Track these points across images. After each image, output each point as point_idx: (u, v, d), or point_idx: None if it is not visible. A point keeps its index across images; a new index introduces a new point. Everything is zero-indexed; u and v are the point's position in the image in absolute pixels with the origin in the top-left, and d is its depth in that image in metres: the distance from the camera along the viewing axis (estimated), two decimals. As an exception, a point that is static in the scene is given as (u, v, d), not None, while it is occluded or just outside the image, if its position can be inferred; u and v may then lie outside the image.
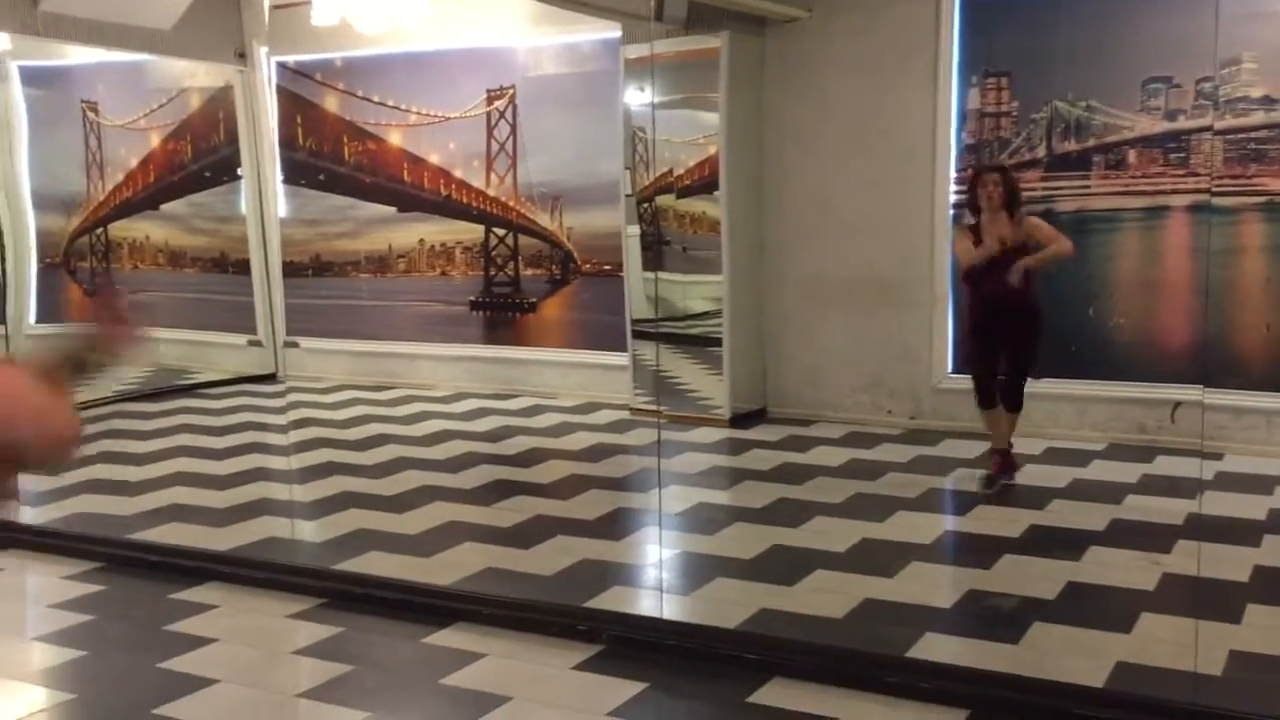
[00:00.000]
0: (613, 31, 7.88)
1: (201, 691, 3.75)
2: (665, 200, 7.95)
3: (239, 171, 9.71)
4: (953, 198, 7.32)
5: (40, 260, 10.29)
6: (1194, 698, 3.43)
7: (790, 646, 3.87)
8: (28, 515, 5.62)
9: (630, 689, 3.69)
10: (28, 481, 6.37)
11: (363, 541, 5.25)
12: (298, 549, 5.28)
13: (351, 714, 3.57)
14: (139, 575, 4.88)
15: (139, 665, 3.99)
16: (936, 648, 3.95)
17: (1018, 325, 5.73)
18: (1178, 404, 6.67)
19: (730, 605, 4.36)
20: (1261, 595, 4.37)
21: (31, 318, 10.24)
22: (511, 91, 8.69)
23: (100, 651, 4.14)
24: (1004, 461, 5.86)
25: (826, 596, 4.45)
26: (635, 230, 8.01)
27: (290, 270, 9.72)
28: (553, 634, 4.11)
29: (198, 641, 4.15)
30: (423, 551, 5.10)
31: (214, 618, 4.40)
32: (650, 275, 7.99)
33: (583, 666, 3.88)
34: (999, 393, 5.83)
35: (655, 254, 7.99)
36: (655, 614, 4.33)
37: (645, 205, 8.03)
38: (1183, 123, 6.70)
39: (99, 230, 10.22)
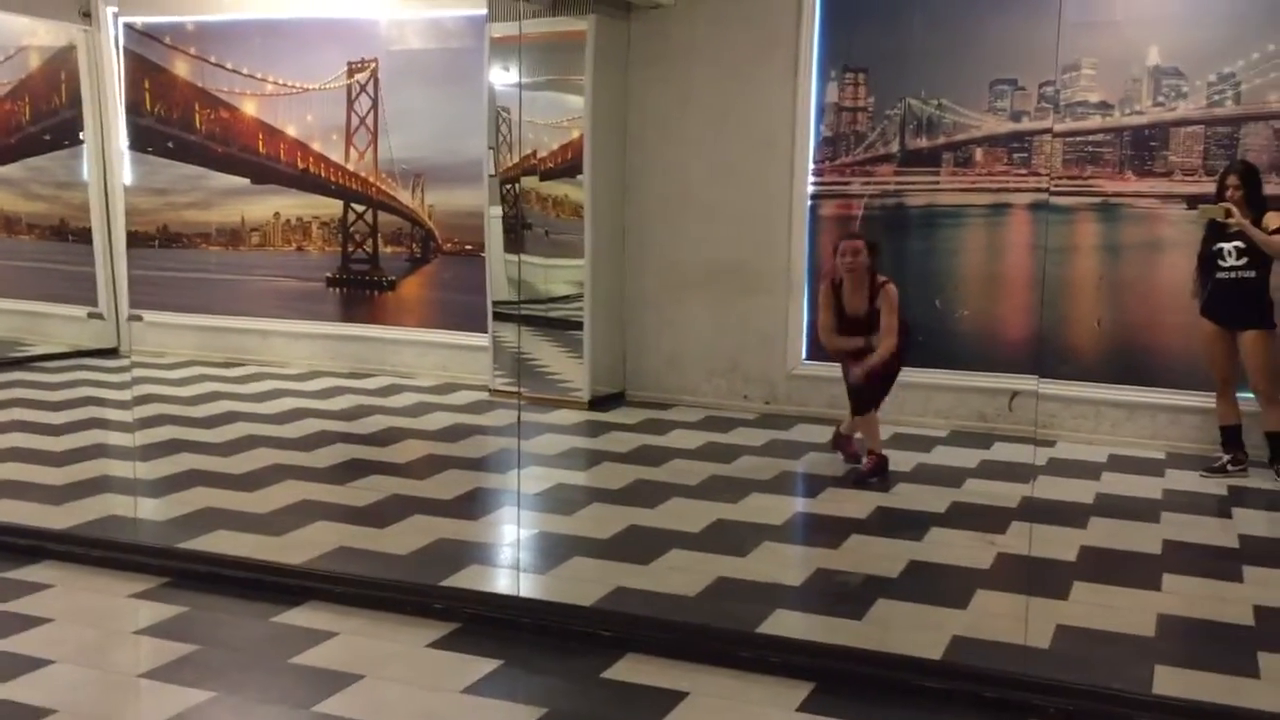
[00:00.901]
0: (479, 9, 7.81)
1: (36, 672, 3.60)
2: (529, 182, 7.93)
3: (81, 136, 9.29)
4: (810, 189, 7.51)
5: None
6: (1024, 668, 3.61)
7: (644, 623, 3.92)
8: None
9: (485, 666, 3.69)
10: None
11: (210, 520, 5.11)
12: (140, 527, 5.10)
13: (196, 694, 3.48)
14: (-33, 554, 4.65)
15: (-33, 646, 3.80)
16: (785, 624, 4.06)
17: (884, 368, 5.94)
18: (1015, 393, 6.99)
19: (586, 584, 4.39)
20: (1087, 573, 4.62)
21: None
22: (374, 65, 8.53)
23: (-76, 632, 3.94)
24: (880, 460, 5.97)
25: (681, 575, 4.53)
26: (498, 211, 7.97)
27: (135, 240, 9.36)
28: (408, 613, 4.08)
29: (32, 621, 3.98)
30: (273, 530, 4.99)
31: (49, 597, 4.23)
32: (512, 257, 7.96)
33: (437, 645, 3.86)
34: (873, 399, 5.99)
35: (517, 236, 7.96)
36: (512, 592, 4.34)
37: (509, 186, 7.99)
38: (1026, 124, 7.01)
39: (-74, 192, 9.66)
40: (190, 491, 5.58)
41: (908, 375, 6.96)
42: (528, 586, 4.42)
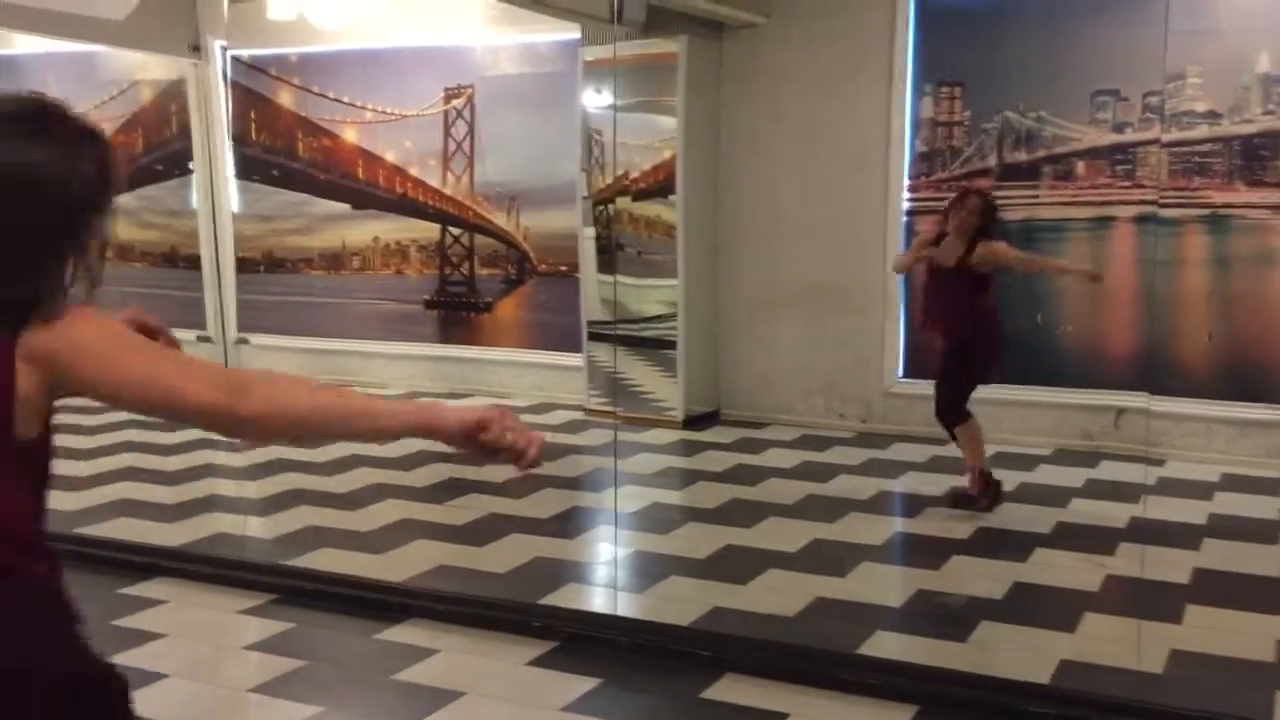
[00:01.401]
0: (572, 33, 7.90)
1: (150, 686, 3.70)
2: (621, 203, 7.98)
3: (190, 166, 9.60)
4: (905, 205, 7.43)
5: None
6: (1136, 694, 3.51)
7: (742, 643, 3.91)
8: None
9: (584, 684, 3.71)
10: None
11: (314, 538, 5.22)
12: (248, 545, 5.24)
13: (303, 709, 3.56)
14: (86, 570, 4.80)
15: (86, 659, 3.93)
16: (886, 645, 4.01)
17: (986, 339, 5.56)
18: (1121, 410, 6.81)
19: (683, 603, 4.39)
20: (1201, 596, 4.48)
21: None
22: (469, 91, 8.67)
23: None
24: (986, 480, 5.57)
25: (779, 595, 4.50)
26: (591, 233, 8.03)
27: (243, 266, 9.63)
28: (507, 630, 4.12)
29: (146, 636, 4.11)
30: (375, 548, 5.08)
31: (163, 613, 4.36)
32: (606, 278, 8.01)
33: (536, 663, 3.89)
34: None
35: (610, 257, 8.01)
36: (609, 611, 4.35)
37: (601, 208, 8.05)
38: (1130, 135, 6.84)
39: (46, 223, 10.06)
40: (295, 510, 5.71)
41: (1009, 392, 6.85)
42: (625, 605, 4.43)
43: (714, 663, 3.81)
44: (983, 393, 6.24)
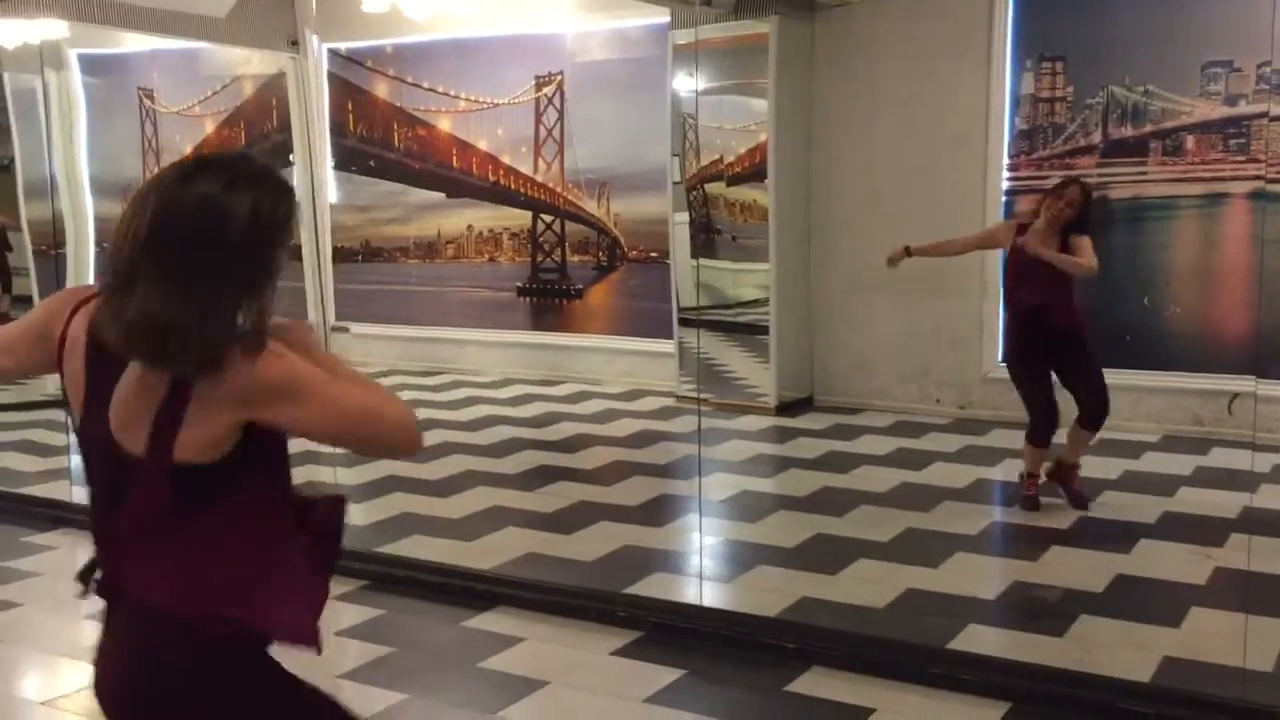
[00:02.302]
0: (661, 17, 7.84)
1: (244, 670, 3.79)
2: (714, 188, 7.90)
3: (290, 158, 9.79)
4: (1005, 184, 7.22)
5: (97, 245, 10.45)
6: (1243, 693, 3.35)
7: (830, 636, 3.83)
8: (79, 494, 5.71)
9: (668, 675, 3.68)
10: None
11: (407, 525, 5.28)
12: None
13: (389, 695, 3.60)
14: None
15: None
16: (979, 640, 3.89)
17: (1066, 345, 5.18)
18: (1235, 395, 6.53)
19: (771, 593, 4.33)
20: (1317, 591, 4.26)
21: (90, 301, 10.42)
22: (560, 78, 8.68)
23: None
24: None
25: (869, 586, 4.41)
26: (684, 218, 7.97)
27: (340, 256, 9.81)
28: (592, 620, 4.11)
29: (242, 621, 4.20)
30: (465, 536, 5.12)
31: (258, 598, 4.45)
32: (696, 263, 7.94)
33: (621, 653, 3.87)
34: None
35: (703, 241, 7.95)
36: (695, 601, 4.31)
37: (694, 192, 7.99)
38: (1243, 108, 6.54)
39: (154, 216, 10.36)
40: (389, 497, 5.78)
41: (1114, 377, 6.60)
42: (711, 595, 4.38)
43: (800, 655, 3.75)
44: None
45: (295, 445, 1.79)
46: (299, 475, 1.77)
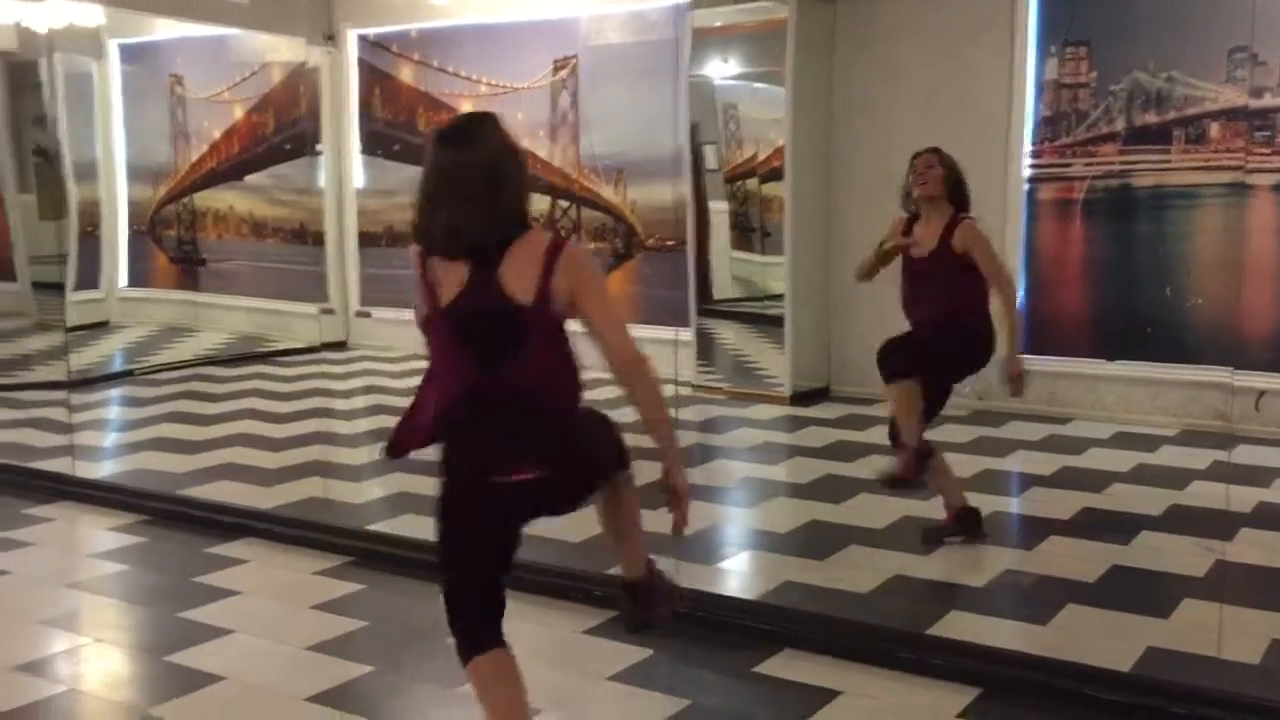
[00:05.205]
0: (679, -1, 7.77)
1: (215, 640, 3.80)
2: (749, 184, 7.83)
3: (319, 147, 9.85)
4: (1028, 171, 7.08)
5: (130, 228, 10.59)
6: (1223, 685, 3.24)
7: (803, 618, 3.77)
8: (82, 469, 5.78)
9: (637, 654, 3.64)
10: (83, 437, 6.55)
11: (401, 504, 5.27)
12: (335, 509, 5.32)
13: (355, 667, 3.59)
14: (180, 529, 4.98)
15: (159, 614, 4.06)
16: (961, 626, 3.81)
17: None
18: (1262, 393, 6.35)
19: (754, 577, 4.28)
20: (1320, 586, 4.13)
21: (123, 282, 10.56)
22: (573, 61, 8.63)
23: (127, 600, 4.23)
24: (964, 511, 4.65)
25: (855, 571, 4.33)
26: (723, 207, 7.91)
27: (365, 240, 9.85)
28: (570, 599, 4.07)
29: (221, 593, 4.22)
30: (457, 515, 5.09)
31: (243, 572, 4.47)
32: (737, 254, 7.89)
33: (594, 631, 3.83)
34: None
35: (736, 235, 7.90)
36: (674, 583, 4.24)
37: (739, 183, 7.93)
38: (1269, 99, 6.35)
39: (184, 200, 10.47)
40: (390, 476, 5.78)
41: (1133, 369, 6.49)
42: (693, 578, 4.31)
43: (775, 637, 3.70)
44: (1107, 369, 5.91)
45: (308, 428, 1.76)
46: (308, 453, 1.72)
